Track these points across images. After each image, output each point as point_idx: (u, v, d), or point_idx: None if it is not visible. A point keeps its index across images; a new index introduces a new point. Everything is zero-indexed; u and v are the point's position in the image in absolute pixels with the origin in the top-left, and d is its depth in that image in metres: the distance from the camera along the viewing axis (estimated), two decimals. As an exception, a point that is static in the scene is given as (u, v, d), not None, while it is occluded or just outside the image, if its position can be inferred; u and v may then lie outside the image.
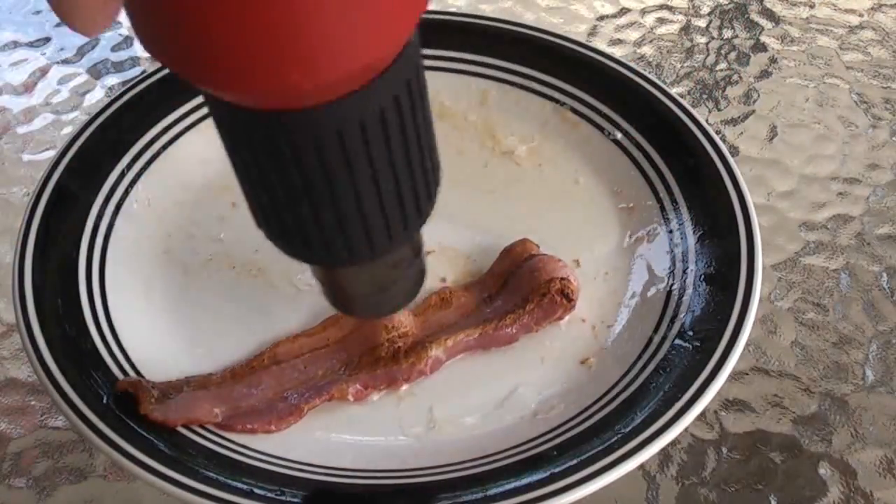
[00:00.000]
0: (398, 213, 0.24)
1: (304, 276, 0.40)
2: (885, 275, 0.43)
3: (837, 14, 0.57)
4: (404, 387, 0.36)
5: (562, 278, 0.37)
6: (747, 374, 0.39)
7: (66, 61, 0.54)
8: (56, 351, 0.34)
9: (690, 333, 0.35)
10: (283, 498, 0.31)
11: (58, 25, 0.56)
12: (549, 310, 0.37)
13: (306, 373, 0.36)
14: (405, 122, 0.22)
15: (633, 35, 0.55)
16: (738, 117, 0.50)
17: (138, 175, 0.42)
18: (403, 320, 0.37)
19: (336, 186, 0.22)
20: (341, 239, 0.24)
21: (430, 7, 0.55)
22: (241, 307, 0.39)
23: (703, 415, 0.33)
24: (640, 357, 0.36)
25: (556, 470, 0.31)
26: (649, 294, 0.39)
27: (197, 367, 0.36)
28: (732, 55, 0.54)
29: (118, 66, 0.53)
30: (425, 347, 0.36)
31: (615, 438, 0.32)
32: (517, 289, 0.38)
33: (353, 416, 0.35)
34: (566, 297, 0.37)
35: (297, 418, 0.34)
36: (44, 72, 0.53)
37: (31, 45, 0.55)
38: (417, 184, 0.24)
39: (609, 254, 0.41)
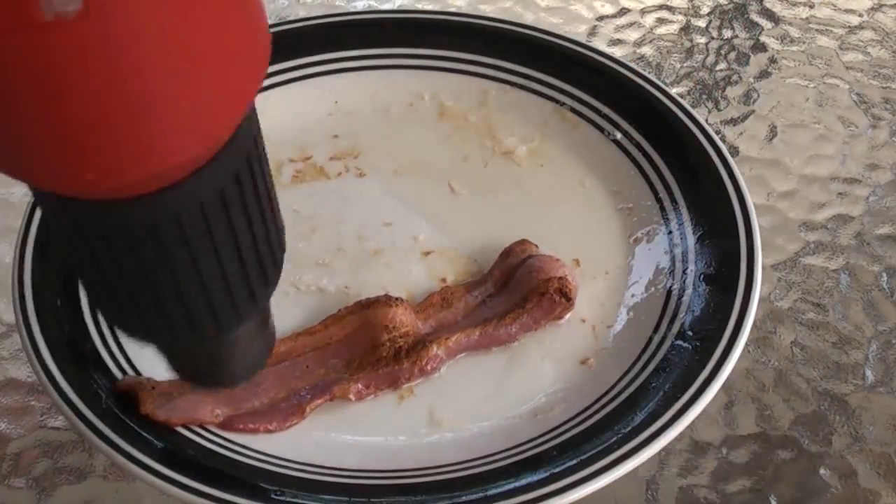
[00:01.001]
0: (244, 288, 0.23)
1: (304, 276, 0.40)
2: (885, 275, 0.43)
3: (837, 14, 0.57)
4: (405, 386, 0.36)
5: (560, 277, 0.37)
6: (747, 374, 0.39)
7: (65, 61, 0.54)
8: (56, 351, 0.34)
9: (690, 333, 0.35)
10: (283, 498, 0.31)
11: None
12: (549, 309, 0.37)
13: (308, 372, 0.36)
14: (246, 196, 0.21)
15: (632, 35, 0.56)
16: (738, 117, 0.50)
17: (138, 175, 0.42)
18: (405, 320, 0.37)
19: (177, 271, 0.21)
20: (185, 321, 0.22)
21: (430, 7, 0.55)
22: (241, 307, 0.39)
23: (702, 415, 0.33)
24: (640, 357, 0.36)
25: (556, 470, 0.31)
26: (649, 294, 0.39)
27: (197, 367, 0.36)
28: (732, 55, 0.54)
29: (118, 67, 0.53)
30: (426, 347, 0.36)
31: (615, 438, 0.32)
32: (517, 289, 0.38)
33: (353, 416, 0.35)
34: (565, 296, 0.37)
35: (299, 418, 0.34)
36: (44, 72, 0.53)
37: (30, 45, 0.55)
38: (263, 254, 0.23)
39: (609, 254, 0.41)
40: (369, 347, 0.36)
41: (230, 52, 0.17)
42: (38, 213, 0.38)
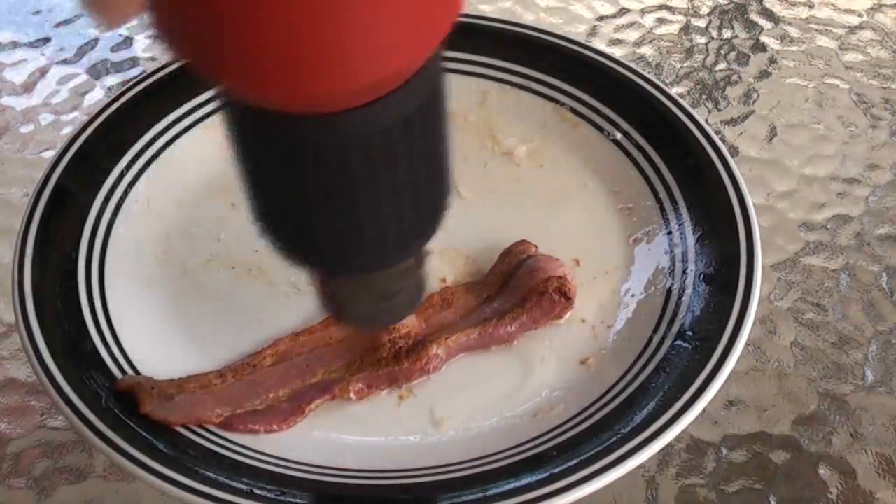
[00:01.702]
0: (416, 222, 0.24)
1: (304, 276, 0.40)
2: (884, 275, 0.43)
3: (837, 14, 0.57)
4: (405, 386, 0.36)
5: (559, 277, 0.37)
6: (747, 374, 0.39)
7: (66, 61, 0.54)
8: (56, 351, 0.34)
9: (690, 333, 0.35)
10: (282, 498, 0.31)
11: (58, 25, 0.56)
12: (548, 308, 0.37)
13: (309, 372, 0.36)
14: (427, 130, 0.22)
15: (632, 35, 0.55)
16: (738, 117, 0.50)
17: (138, 175, 0.42)
18: (405, 321, 0.37)
19: (356, 193, 0.21)
20: (355, 248, 0.23)
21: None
22: (240, 307, 0.39)
23: (702, 415, 0.33)
24: (639, 357, 0.36)
25: (556, 470, 0.31)
26: (649, 294, 0.39)
27: (196, 366, 0.36)
28: (732, 55, 0.54)
29: (118, 67, 0.53)
30: (426, 347, 0.36)
31: (615, 438, 0.32)
32: (516, 289, 0.38)
33: (353, 416, 0.35)
34: (564, 296, 0.37)
35: (299, 418, 0.34)
36: (44, 72, 0.53)
37: (31, 45, 0.55)
38: (436, 192, 0.24)
39: (609, 254, 0.41)
40: (369, 347, 0.36)
41: None
42: (37, 213, 0.38)
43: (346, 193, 0.21)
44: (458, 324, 0.38)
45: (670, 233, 0.40)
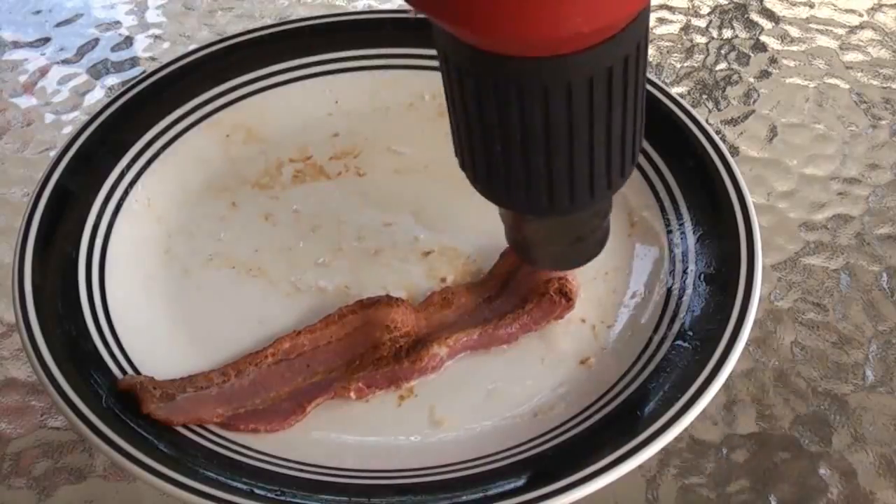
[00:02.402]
0: (619, 162, 0.25)
1: (304, 276, 0.40)
2: (885, 275, 0.43)
3: (837, 14, 0.57)
4: (405, 386, 0.36)
5: (559, 278, 0.37)
6: (747, 374, 0.39)
7: (66, 61, 0.54)
8: (56, 351, 0.34)
9: (690, 333, 0.35)
10: (283, 498, 0.31)
11: (58, 25, 0.56)
12: (549, 309, 0.37)
13: (309, 371, 0.36)
14: (639, 74, 0.23)
15: (633, 35, 0.55)
16: (738, 117, 0.50)
17: (138, 175, 0.42)
18: (406, 320, 0.37)
19: (575, 134, 0.23)
20: (565, 188, 0.24)
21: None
22: (241, 307, 0.39)
23: (702, 415, 0.33)
24: (640, 357, 0.36)
25: (556, 470, 0.31)
26: (649, 294, 0.39)
27: (196, 366, 0.36)
28: (732, 55, 0.54)
29: (118, 66, 0.53)
30: (427, 346, 0.36)
31: (615, 438, 0.32)
32: (517, 289, 0.38)
33: (353, 416, 0.35)
34: (565, 296, 0.37)
35: (300, 417, 0.35)
36: (44, 72, 0.53)
37: (31, 45, 0.55)
38: (636, 132, 0.25)
39: (609, 254, 0.40)
40: (370, 347, 0.36)
41: None
42: (38, 213, 0.38)
43: (565, 134, 0.22)
44: (458, 323, 0.38)
45: (670, 233, 0.40)
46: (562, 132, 0.23)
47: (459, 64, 0.22)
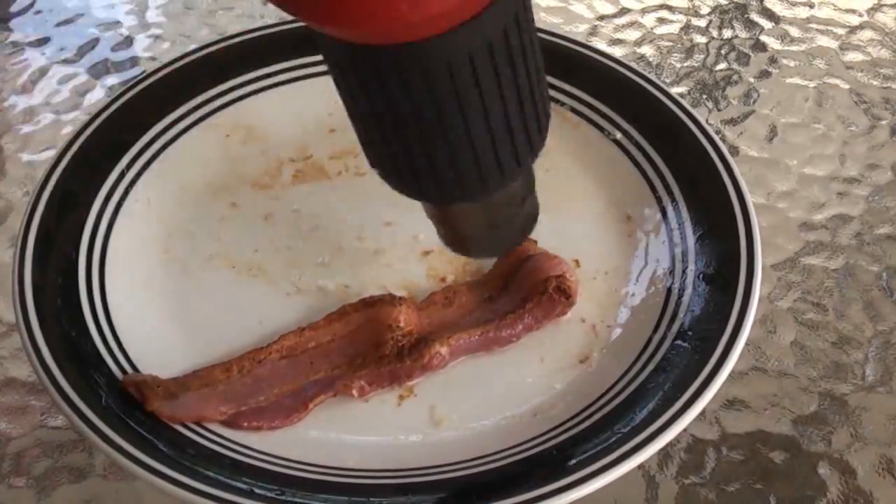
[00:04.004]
0: (509, 148, 0.24)
1: (304, 275, 0.40)
2: (885, 275, 0.43)
3: (837, 14, 0.57)
4: (407, 385, 0.36)
5: (558, 276, 0.38)
6: (747, 374, 0.39)
7: (66, 61, 0.54)
8: (56, 351, 0.34)
9: (690, 333, 0.35)
10: (283, 498, 0.31)
11: (58, 25, 0.56)
12: (549, 308, 0.37)
13: (312, 369, 0.36)
14: (514, 55, 0.22)
15: (633, 35, 0.56)
16: (738, 117, 0.50)
17: (138, 175, 0.42)
18: (409, 319, 0.37)
19: (446, 121, 0.22)
20: (453, 175, 0.24)
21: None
22: (241, 307, 0.39)
23: (702, 415, 0.33)
24: (639, 357, 0.36)
25: (556, 470, 0.31)
26: (649, 294, 0.39)
27: (196, 366, 0.36)
28: (732, 55, 0.54)
29: (118, 66, 0.53)
30: (429, 345, 0.36)
31: (615, 438, 0.32)
32: (517, 289, 0.38)
33: (353, 416, 0.35)
34: (564, 294, 0.37)
35: (302, 414, 0.35)
36: (44, 71, 0.53)
37: (31, 45, 0.55)
38: (528, 117, 0.24)
39: (609, 254, 0.41)
40: (372, 345, 0.36)
41: None
42: (38, 213, 0.38)
43: (437, 121, 0.22)
44: (459, 323, 0.38)
45: (670, 232, 0.40)
46: (433, 121, 0.22)
47: (338, 60, 0.23)
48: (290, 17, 0.54)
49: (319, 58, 0.47)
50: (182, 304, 0.39)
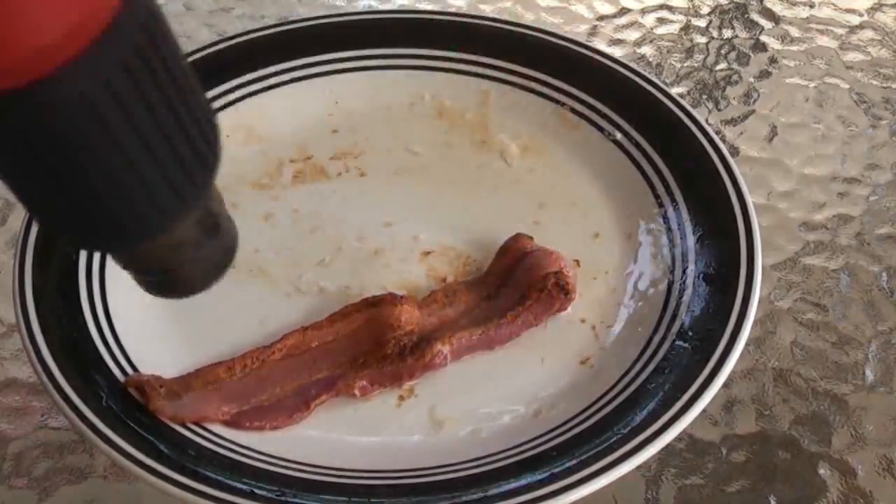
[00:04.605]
0: (179, 170, 0.21)
1: (304, 276, 0.40)
2: (885, 275, 0.43)
3: (837, 14, 0.57)
4: (408, 384, 0.36)
5: (556, 272, 0.38)
6: (747, 374, 0.39)
7: (66, 61, 0.54)
8: (56, 351, 0.34)
9: (690, 333, 0.35)
10: (283, 498, 0.31)
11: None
12: (548, 304, 0.38)
13: (315, 368, 0.36)
14: (146, 91, 0.19)
15: (633, 35, 0.56)
16: (738, 117, 0.50)
17: (138, 175, 0.42)
18: (410, 318, 0.37)
19: (103, 157, 0.19)
20: (128, 213, 0.21)
21: (430, 7, 0.55)
22: (241, 307, 0.39)
23: (702, 415, 0.33)
24: (640, 357, 0.36)
25: (556, 470, 0.31)
26: (649, 294, 0.39)
27: (196, 367, 0.36)
28: (732, 55, 0.54)
29: (118, 67, 0.53)
30: (431, 344, 0.36)
31: (615, 438, 0.32)
32: (516, 286, 0.38)
33: (353, 416, 0.35)
34: (563, 290, 0.37)
35: (304, 414, 0.35)
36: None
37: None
38: (179, 159, 0.21)
39: (609, 254, 0.41)
40: (375, 344, 0.36)
41: None
42: (38, 214, 0.38)
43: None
44: (459, 321, 0.38)
45: (670, 232, 0.40)
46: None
47: None
48: (290, 18, 0.54)
49: (319, 58, 0.47)
50: (182, 305, 0.38)
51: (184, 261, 0.26)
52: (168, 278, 0.26)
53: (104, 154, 0.19)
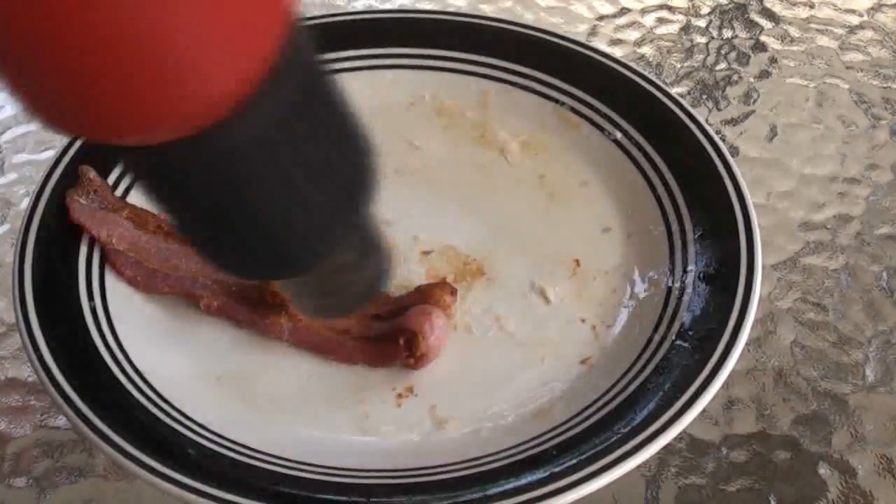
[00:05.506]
0: (319, 227, 0.23)
1: (304, 275, 0.40)
2: (885, 275, 0.43)
3: (837, 14, 0.57)
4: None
5: (413, 331, 0.36)
6: (747, 374, 0.39)
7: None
8: (56, 351, 0.34)
9: (690, 333, 0.35)
10: (282, 497, 0.31)
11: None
12: (392, 354, 0.36)
13: (203, 269, 0.38)
14: (305, 133, 0.21)
15: (633, 35, 0.56)
16: (738, 117, 0.50)
17: (138, 175, 0.42)
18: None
19: (240, 207, 0.21)
20: (264, 259, 0.23)
21: (430, 7, 0.55)
22: (241, 307, 0.39)
23: (702, 415, 0.33)
24: (639, 357, 0.36)
25: (556, 470, 0.31)
26: (649, 294, 0.39)
27: (196, 366, 0.36)
28: (732, 55, 0.54)
29: (118, 66, 0.53)
30: (280, 311, 0.36)
31: (615, 438, 0.32)
32: (398, 323, 0.37)
33: (352, 416, 0.35)
34: (410, 352, 0.36)
35: (162, 288, 0.38)
36: (44, 72, 0.53)
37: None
38: (334, 194, 0.23)
39: (609, 254, 0.41)
40: (252, 288, 0.37)
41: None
42: (38, 214, 0.38)
43: (230, 208, 0.21)
44: (339, 323, 0.37)
45: (670, 233, 0.40)
46: (227, 208, 0.21)
47: (135, 165, 0.21)
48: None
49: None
50: (182, 304, 0.39)
51: (346, 284, 0.27)
52: (329, 303, 0.28)
53: (277, 189, 0.21)
